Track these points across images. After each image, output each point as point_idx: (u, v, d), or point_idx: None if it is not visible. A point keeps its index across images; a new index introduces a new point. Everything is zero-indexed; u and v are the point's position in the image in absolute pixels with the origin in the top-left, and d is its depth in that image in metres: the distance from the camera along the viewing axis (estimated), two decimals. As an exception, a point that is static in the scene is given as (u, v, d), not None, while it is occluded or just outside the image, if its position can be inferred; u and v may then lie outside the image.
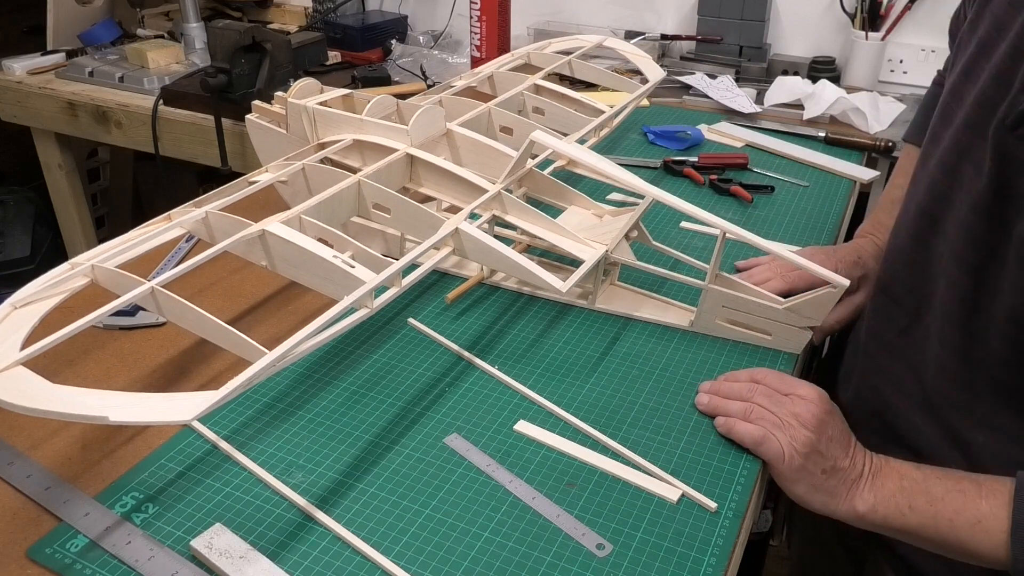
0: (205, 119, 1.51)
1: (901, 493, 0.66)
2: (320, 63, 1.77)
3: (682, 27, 1.86)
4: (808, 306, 0.80)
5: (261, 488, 0.65)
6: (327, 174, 0.83)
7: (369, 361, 0.81)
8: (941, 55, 1.66)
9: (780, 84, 1.57)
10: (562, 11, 1.96)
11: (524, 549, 0.60)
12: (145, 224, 0.76)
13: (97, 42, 1.87)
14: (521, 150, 0.85)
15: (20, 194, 2.11)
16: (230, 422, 0.72)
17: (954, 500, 0.64)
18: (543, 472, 0.68)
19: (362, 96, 0.97)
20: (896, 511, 0.66)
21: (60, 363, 0.79)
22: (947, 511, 0.64)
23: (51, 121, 1.71)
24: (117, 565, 0.58)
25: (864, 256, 0.93)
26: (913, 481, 0.66)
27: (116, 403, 0.53)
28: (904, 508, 0.65)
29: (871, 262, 0.92)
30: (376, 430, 0.72)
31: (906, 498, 0.66)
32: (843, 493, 0.67)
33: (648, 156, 1.31)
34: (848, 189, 1.23)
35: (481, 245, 0.77)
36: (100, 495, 0.64)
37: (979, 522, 0.63)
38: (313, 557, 0.59)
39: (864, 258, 0.92)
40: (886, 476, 0.67)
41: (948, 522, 0.64)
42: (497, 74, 1.19)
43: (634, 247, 0.88)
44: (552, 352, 0.83)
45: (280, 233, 0.70)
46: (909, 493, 0.66)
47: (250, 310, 0.89)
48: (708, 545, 0.61)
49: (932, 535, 0.65)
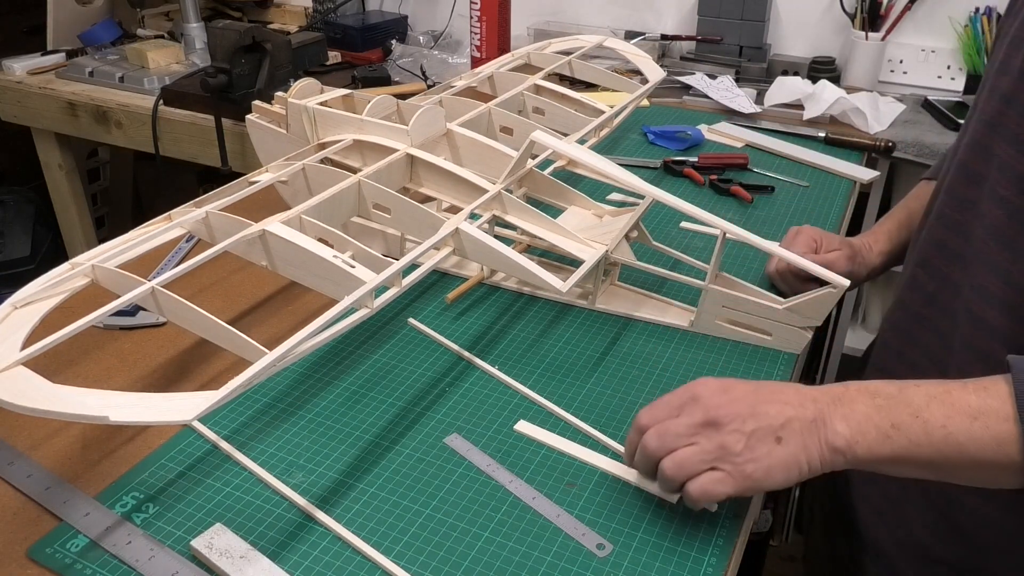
0: (205, 119, 1.51)
1: (878, 412, 0.57)
2: (320, 63, 1.77)
3: (682, 27, 1.86)
4: (808, 306, 0.80)
5: (261, 488, 0.65)
6: (327, 174, 0.83)
7: (369, 361, 0.81)
8: (941, 55, 1.66)
9: (780, 84, 1.57)
10: (562, 11, 1.96)
11: (524, 549, 0.60)
12: (145, 224, 0.76)
13: (97, 42, 1.87)
14: (521, 150, 0.85)
15: (20, 194, 2.11)
16: (230, 422, 0.72)
17: (941, 405, 0.56)
18: (543, 472, 0.68)
19: (362, 96, 0.97)
20: (879, 435, 0.56)
21: (60, 363, 0.79)
22: (937, 418, 0.55)
23: (51, 121, 1.71)
24: (117, 565, 0.58)
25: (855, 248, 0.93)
26: (888, 397, 0.58)
27: (116, 403, 0.53)
28: (887, 429, 0.56)
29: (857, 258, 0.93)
30: (376, 430, 0.72)
31: (885, 417, 0.57)
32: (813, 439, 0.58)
33: (648, 156, 1.31)
34: (848, 189, 1.23)
35: (481, 245, 0.77)
36: (100, 495, 0.64)
37: (976, 419, 0.55)
38: (313, 557, 0.59)
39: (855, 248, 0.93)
40: (853, 400, 0.58)
41: (942, 430, 0.55)
42: (497, 74, 1.20)
43: (634, 247, 0.88)
44: (552, 352, 0.83)
45: (280, 233, 0.70)
46: (887, 411, 0.57)
47: (250, 310, 0.89)
48: (708, 545, 0.61)
49: (929, 452, 0.56)
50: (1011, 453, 0.54)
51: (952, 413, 0.55)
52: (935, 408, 0.56)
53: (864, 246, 0.95)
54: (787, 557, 1.74)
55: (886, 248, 0.96)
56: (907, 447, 0.56)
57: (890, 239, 0.96)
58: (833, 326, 1.64)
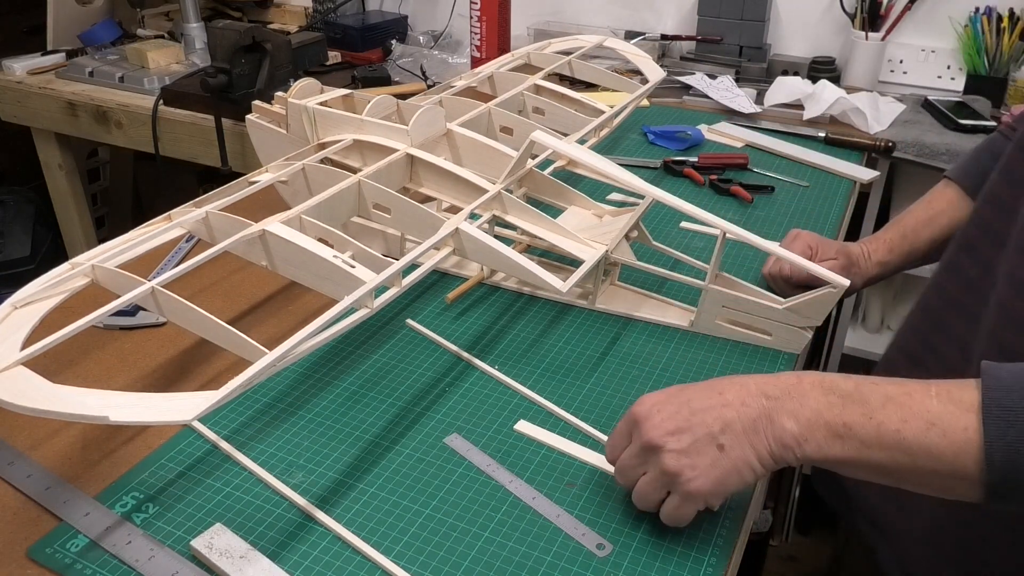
0: (205, 119, 1.51)
1: (829, 409, 0.54)
2: (320, 63, 1.77)
3: (682, 27, 1.86)
4: (808, 306, 0.80)
5: (261, 488, 0.65)
6: (327, 174, 0.83)
7: (369, 361, 0.81)
8: (941, 55, 1.66)
9: (780, 84, 1.57)
10: (562, 11, 1.96)
11: (524, 549, 0.60)
12: (145, 224, 0.76)
13: (97, 42, 1.87)
14: (521, 150, 0.85)
15: (20, 194, 2.11)
16: (230, 422, 0.72)
17: (898, 408, 0.52)
18: (543, 472, 0.68)
19: (362, 96, 0.97)
20: (829, 434, 0.53)
21: (60, 363, 0.79)
22: (892, 421, 0.52)
23: (51, 121, 1.71)
24: (117, 565, 0.58)
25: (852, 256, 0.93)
26: (843, 394, 0.54)
27: (116, 403, 0.53)
28: (838, 428, 0.53)
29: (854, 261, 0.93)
30: (376, 430, 0.72)
31: (837, 415, 0.53)
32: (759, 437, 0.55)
33: (648, 156, 1.31)
34: (848, 189, 1.23)
35: (481, 245, 0.77)
36: (100, 495, 0.64)
37: (933, 425, 0.51)
38: (313, 557, 0.59)
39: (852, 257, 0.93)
40: (804, 394, 0.55)
41: (895, 434, 0.52)
42: (497, 74, 1.20)
43: (634, 247, 0.88)
44: (552, 352, 0.83)
45: (280, 233, 0.70)
46: (840, 408, 0.54)
47: (250, 310, 0.89)
48: (708, 545, 0.61)
49: (880, 456, 0.53)
50: (967, 464, 0.50)
51: (908, 416, 0.52)
52: (891, 410, 0.53)
53: (862, 254, 0.95)
54: (787, 557, 1.74)
55: (885, 258, 0.95)
56: (858, 448, 0.53)
57: (891, 250, 0.95)
58: (833, 326, 1.64)
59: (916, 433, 0.52)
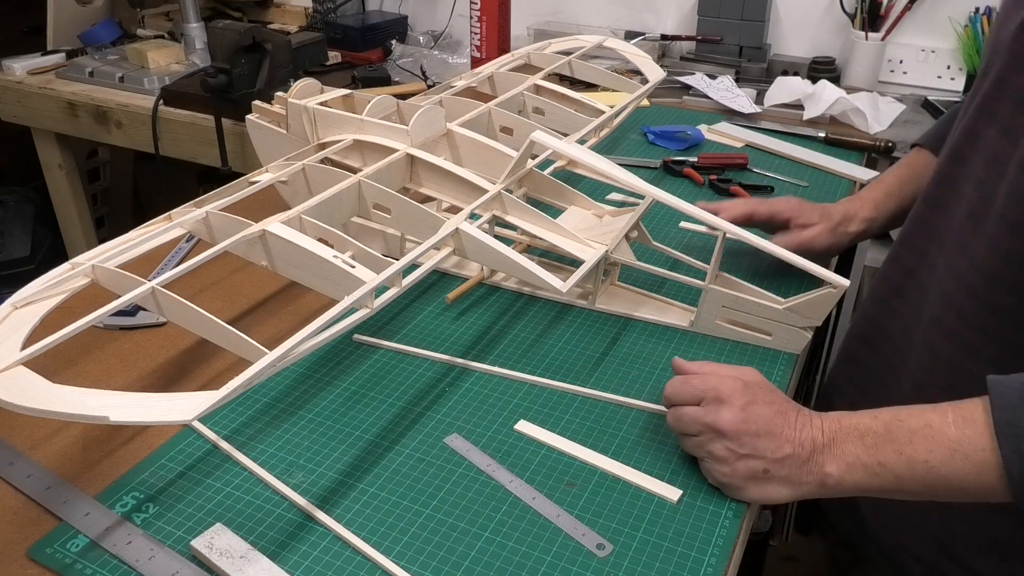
0: (205, 119, 1.51)
1: (866, 452, 0.61)
2: (320, 63, 1.77)
3: (682, 27, 1.86)
4: (808, 306, 0.80)
5: (261, 488, 0.65)
6: (327, 174, 0.83)
7: (369, 361, 0.81)
8: (941, 55, 1.66)
9: (780, 84, 1.57)
10: (562, 11, 1.96)
11: (524, 549, 0.60)
12: (145, 224, 0.76)
13: (97, 42, 1.87)
14: (521, 150, 0.85)
15: (20, 194, 2.11)
16: (230, 422, 0.72)
17: (923, 440, 0.59)
18: (543, 472, 0.68)
19: (362, 96, 0.97)
20: (867, 473, 0.61)
21: (60, 363, 0.79)
22: (920, 453, 0.59)
23: (51, 121, 1.71)
24: (117, 565, 0.58)
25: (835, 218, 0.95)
26: (876, 437, 0.61)
27: (116, 403, 0.53)
28: (874, 468, 0.60)
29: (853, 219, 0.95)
30: (376, 430, 0.72)
31: (873, 456, 0.60)
32: (803, 476, 0.62)
33: (648, 156, 1.31)
34: (848, 189, 1.23)
35: (481, 245, 0.77)
36: (100, 495, 0.64)
37: (956, 451, 0.58)
38: (313, 557, 0.59)
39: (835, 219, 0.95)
40: (844, 440, 0.62)
41: (924, 464, 0.59)
42: (497, 74, 1.20)
43: (634, 247, 0.88)
44: (552, 352, 0.83)
45: (280, 233, 0.70)
46: (875, 450, 0.61)
47: (250, 310, 0.89)
48: (708, 545, 0.61)
49: (913, 485, 0.60)
50: (991, 480, 0.56)
51: (933, 447, 0.58)
52: (917, 443, 0.59)
53: (847, 213, 0.96)
54: (787, 557, 1.74)
55: (871, 215, 0.96)
56: (893, 481, 0.60)
57: (876, 207, 0.96)
58: (833, 326, 1.64)
59: (942, 461, 0.58)
